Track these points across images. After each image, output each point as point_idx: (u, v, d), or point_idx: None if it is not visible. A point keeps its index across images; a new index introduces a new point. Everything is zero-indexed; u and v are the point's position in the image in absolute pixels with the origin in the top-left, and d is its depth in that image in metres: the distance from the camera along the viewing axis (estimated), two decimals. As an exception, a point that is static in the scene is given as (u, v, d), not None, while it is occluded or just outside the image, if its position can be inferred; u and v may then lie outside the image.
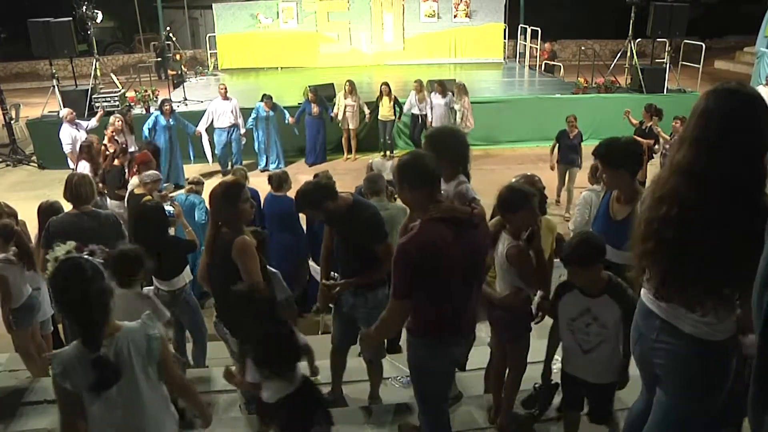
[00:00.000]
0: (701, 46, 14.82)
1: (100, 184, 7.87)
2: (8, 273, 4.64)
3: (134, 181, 6.88)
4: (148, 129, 10.93)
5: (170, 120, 11.10)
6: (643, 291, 2.61)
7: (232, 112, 11.74)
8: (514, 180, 3.88)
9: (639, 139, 9.82)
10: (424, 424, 3.33)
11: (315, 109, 12.14)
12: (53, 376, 2.43)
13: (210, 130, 11.83)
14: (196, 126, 11.68)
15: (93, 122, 11.04)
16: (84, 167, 7.97)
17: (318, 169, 11.00)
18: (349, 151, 12.79)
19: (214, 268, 3.78)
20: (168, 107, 11.20)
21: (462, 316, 3.06)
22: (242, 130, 11.87)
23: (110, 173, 7.94)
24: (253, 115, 11.92)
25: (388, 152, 12.68)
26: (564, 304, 3.37)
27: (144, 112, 12.71)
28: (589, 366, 3.39)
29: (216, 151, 11.97)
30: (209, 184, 5.39)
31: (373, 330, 3.15)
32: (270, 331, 3.15)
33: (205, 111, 11.98)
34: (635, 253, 2.46)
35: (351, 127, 12.47)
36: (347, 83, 12.31)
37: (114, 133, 9.21)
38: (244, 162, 11.84)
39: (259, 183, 7.39)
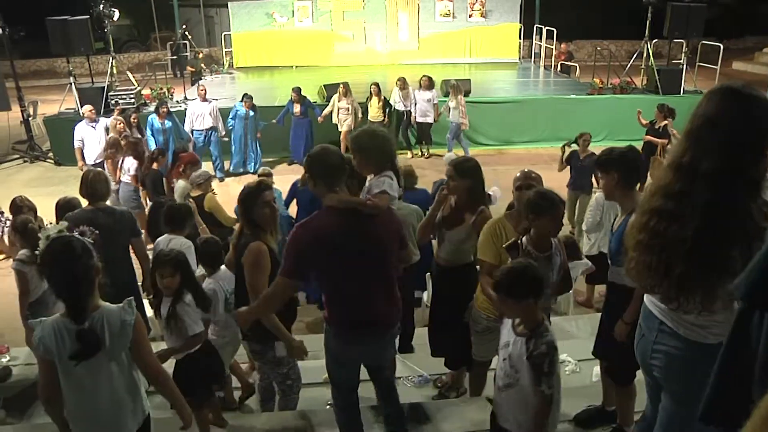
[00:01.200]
0: (719, 46, 14.71)
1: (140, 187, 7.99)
2: (26, 269, 4.69)
3: (181, 183, 6.69)
4: (150, 132, 10.66)
5: (166, 122, 10.82)
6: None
7: (210, 114, 11.52)
8: (517, 175, 3.85)
9: (653, 138, 9.82)
10: (334, 408, 3.57)
11: (297, 109, 12.01)
12: (34, 341, 2.59)
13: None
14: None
15: (110, 121, 10.97)
16: (132, 164, 7.99)
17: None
18: (347, 152, 12.62)
19: (228, 264, 3.84)
20: (164, 109, 10.91)
21: (367, 308, 3.13)
22: (222, 132, 11.69)
23: (148, 177, 7.77)
24: (232, 114, 11.77)
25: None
26: (503, 326, 3.14)
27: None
28: (497, 404, 3.17)
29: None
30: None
31: (254, 305, 3.28)
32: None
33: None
34: (629, 243, 2.46)
35: (345, 129, 12.25)
36: (342, 85, 12.21)
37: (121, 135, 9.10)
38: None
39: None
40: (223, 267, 4.22)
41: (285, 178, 6.40)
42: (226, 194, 8.71)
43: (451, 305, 4.12)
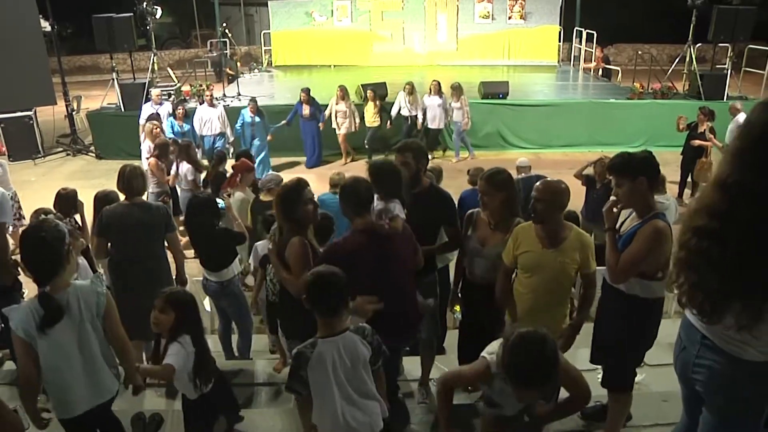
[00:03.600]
0: (767, 51, 14.30)
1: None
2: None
3: (239, 195, 6.52)
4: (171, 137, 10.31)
5: (184, 125, 10.75)
6: None
7: (219, 118, 11.17)
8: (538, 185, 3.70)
9: (702, 142, 9.65)
10: None
11: (306, 110, 11.86)
12: (12, 330, 2.83)
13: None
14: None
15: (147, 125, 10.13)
16: (188, 169, 7.74)
17: (315, 172, 10.94)
18: (347, 155, 12.65)
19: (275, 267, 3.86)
20: (181, 111, 10.77)
21: (390, 314, 3.37)
22: (231, 138, 11.29)
23: (215, 181, 7.38)
24: (239, 122, 11.42)
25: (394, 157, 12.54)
26: None
27: (199, 104, 12.84)
28: None
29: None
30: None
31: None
32: None
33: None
34: (672, 258, 2.43)
35: (342, 132, 12.21)
36: (339, 88, 12.06)
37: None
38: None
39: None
40: None
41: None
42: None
43: (485, 321, 4.06)
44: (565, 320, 3.83)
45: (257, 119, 11.39)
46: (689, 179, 10.20)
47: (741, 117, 10.42)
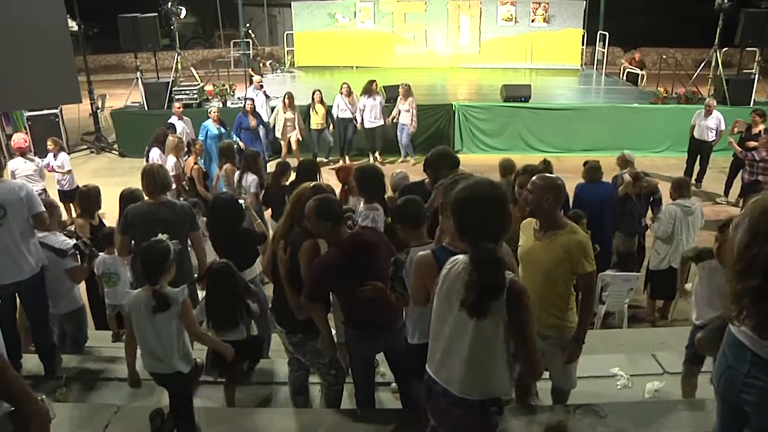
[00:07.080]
0: (796, 55, 14.10)
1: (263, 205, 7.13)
2: None
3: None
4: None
5: (221, 127, 10.55)
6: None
7: (188, 133, 10.65)
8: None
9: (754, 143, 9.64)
10: (357, 395, 4.16)
11: (252, 122, 11.14)
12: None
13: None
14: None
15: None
16: (252, 181, 7.15)
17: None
18: (303, 167, 12.04)
19: (280, 260, 3.89)
20: (216, 112, 10.62)
21: (372, 314, 3.70)
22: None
23: (277, 195, 6.63)
24: (202, 135, 10.61)
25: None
26: None
27: (221, 105, 12.97)
28: None
29: None
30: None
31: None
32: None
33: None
34: (732, 291, 2.32)
35: (294, 138, 11.98)
36: (286, 96, 11.84)
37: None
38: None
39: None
40: None
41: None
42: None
43: None
44: (562, 319, 3.75)
45: (223, 130, 10.68)
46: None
47: (717, 115, 10.61)
